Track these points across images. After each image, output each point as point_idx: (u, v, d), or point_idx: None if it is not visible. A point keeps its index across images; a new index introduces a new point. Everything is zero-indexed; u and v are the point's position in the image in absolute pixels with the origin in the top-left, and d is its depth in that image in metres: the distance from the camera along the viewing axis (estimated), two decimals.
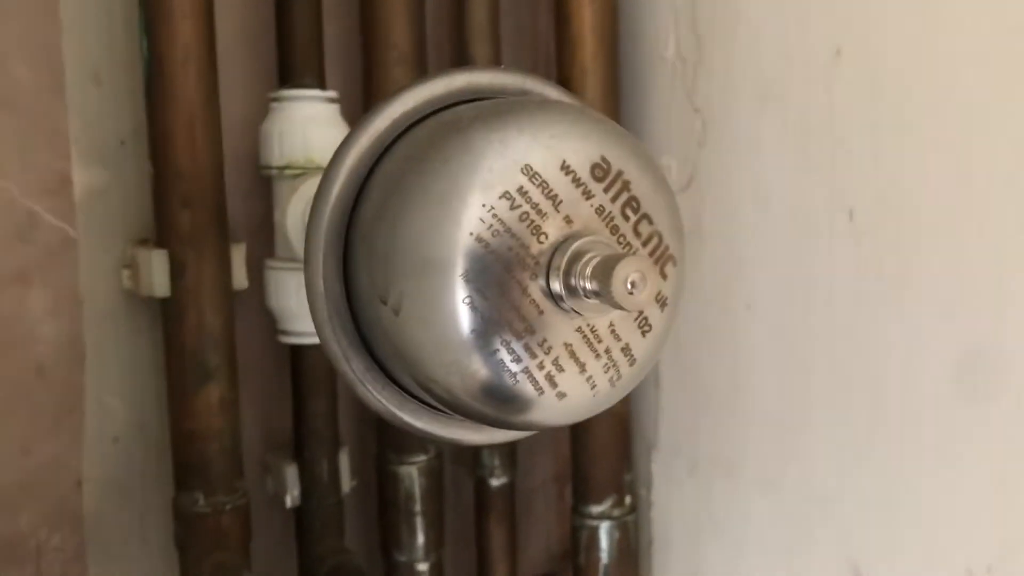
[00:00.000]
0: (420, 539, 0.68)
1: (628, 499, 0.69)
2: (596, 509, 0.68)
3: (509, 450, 0.75)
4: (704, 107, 0.63)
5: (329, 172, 0.32)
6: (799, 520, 0.60)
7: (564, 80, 0.64)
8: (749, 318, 0.61)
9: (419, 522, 0.67)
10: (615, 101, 0.65)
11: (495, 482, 0.74)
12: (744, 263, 0.61)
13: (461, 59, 0.69)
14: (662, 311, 0.32)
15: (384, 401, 0.33)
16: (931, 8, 0.49)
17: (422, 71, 0.64)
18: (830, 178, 0.55)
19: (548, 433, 0.82)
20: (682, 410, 0.68)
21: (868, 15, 0.52)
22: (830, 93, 0.54)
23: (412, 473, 0.67)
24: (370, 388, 0.33)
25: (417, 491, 0.67)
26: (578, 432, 0.68)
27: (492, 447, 0.73)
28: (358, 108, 0.66)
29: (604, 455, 0.67)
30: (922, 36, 0.49)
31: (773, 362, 0.60)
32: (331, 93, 0.61)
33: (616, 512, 0.68)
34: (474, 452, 0.75)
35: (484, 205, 0.28)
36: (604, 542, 0.68)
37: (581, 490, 0.68)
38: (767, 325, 0.60)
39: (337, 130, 0.61)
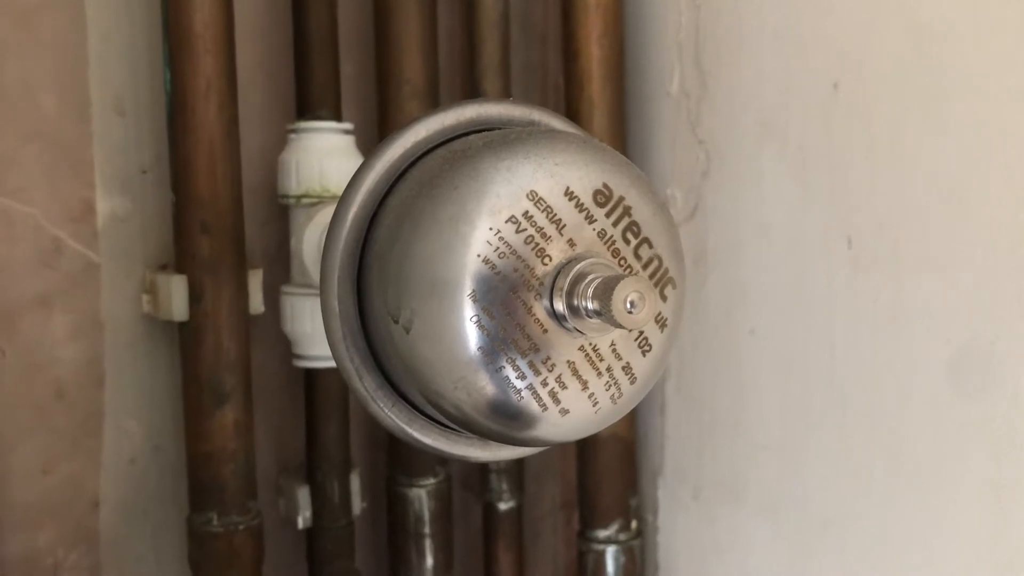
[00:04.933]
0: (429, 561, 0.68)
1: (634, 524, 0.69)
2: (602, 533, 0.68)
3: (517, 475, 0.75)
4: (707, 139, 0.65)
5: (346, 196, 0.33)
6: (801, 545, 0.60)
7: (572, 114, 0.65)
8: (752, 344, 0.62)
9: (428, 544, 0.68)
10: (621, 134, 0.66)
11: (503, 506, 0.74)
12: (747, 290, 0.62)
13: (472, 94, 0.71)
14: (662, 332, 0.33)
15: (394, 417, 0.34)
16: (924, 43, 0.50)
17: (435, 105, 0.65)
18: (829, 207, 0.56)
19: (555, 459, 0.83)
20: (687, 436, 0.69)
21: (864, 50, 0.53)
22: (828, 125, 0.56)
23: (421, 496, 0.68)
24: (381, 404, 0.34)
25: (426, 513, 0.68)
26: (584, 457, 0.69)
27: (498, 464, 0.74)
28: (373, 140, 0.67)
29: (610, 480, 0.68)
30: (916, 71, 0.51)
31: (775, 387, 0.61)
32: (347, 125, 0.62)
33: (622, 536, 0.68)
34: (482, 477, 0.75)
35: (491, 229, 0.30)
36: (610, 566, 0.68)
37: (587, 515, 0.69)
38: (769, 351, 0.61)
39: (352, 161, 0.61)
